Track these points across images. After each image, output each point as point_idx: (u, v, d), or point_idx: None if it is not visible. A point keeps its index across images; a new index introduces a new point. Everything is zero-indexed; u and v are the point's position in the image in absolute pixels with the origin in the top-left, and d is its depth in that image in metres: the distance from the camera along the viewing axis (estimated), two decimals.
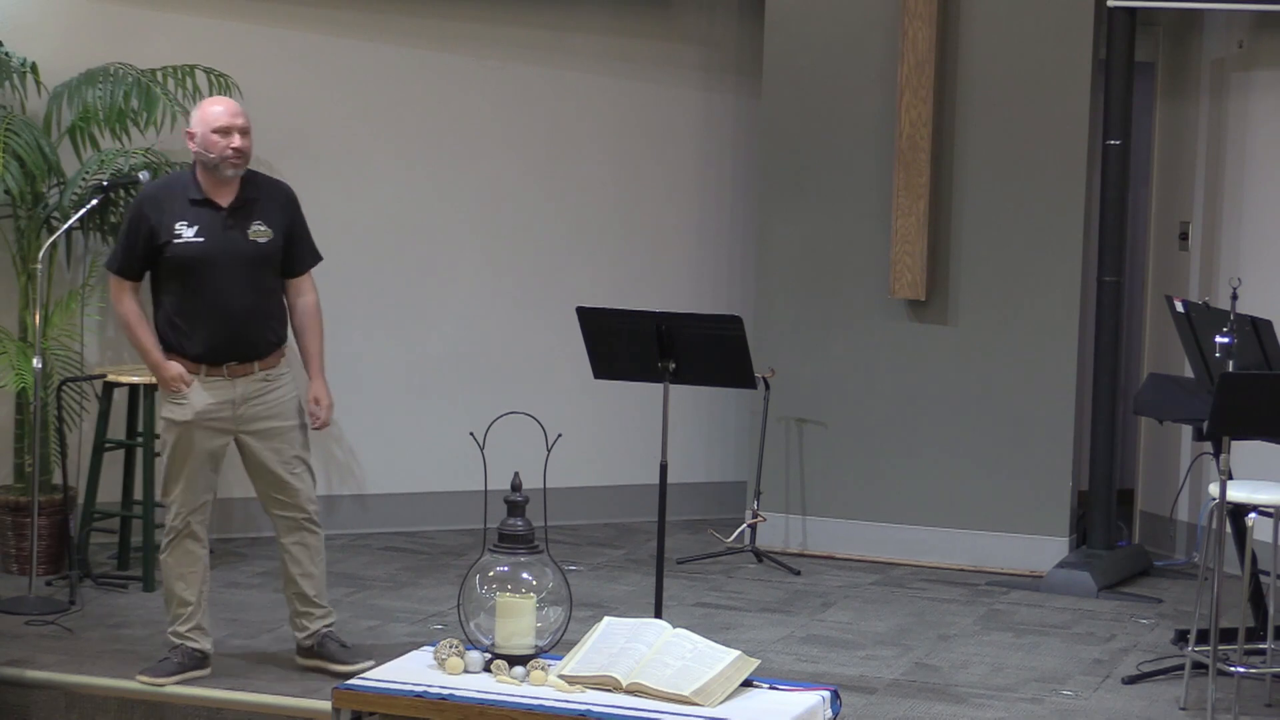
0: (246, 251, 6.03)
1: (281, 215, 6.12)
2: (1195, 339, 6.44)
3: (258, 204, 6.08)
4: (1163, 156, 8.66)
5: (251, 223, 6.06)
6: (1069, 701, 6.25)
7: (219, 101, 6.13)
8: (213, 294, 6.00)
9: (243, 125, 6.01)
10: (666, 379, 6.28)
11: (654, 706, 4.56)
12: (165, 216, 5.99)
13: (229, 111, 6.03)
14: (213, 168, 6.00)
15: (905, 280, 8.17)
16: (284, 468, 6.16)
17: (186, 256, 5.97)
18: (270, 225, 6.07)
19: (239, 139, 5.98)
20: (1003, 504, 8.17)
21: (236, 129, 5.99)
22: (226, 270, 5.99)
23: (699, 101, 9.12)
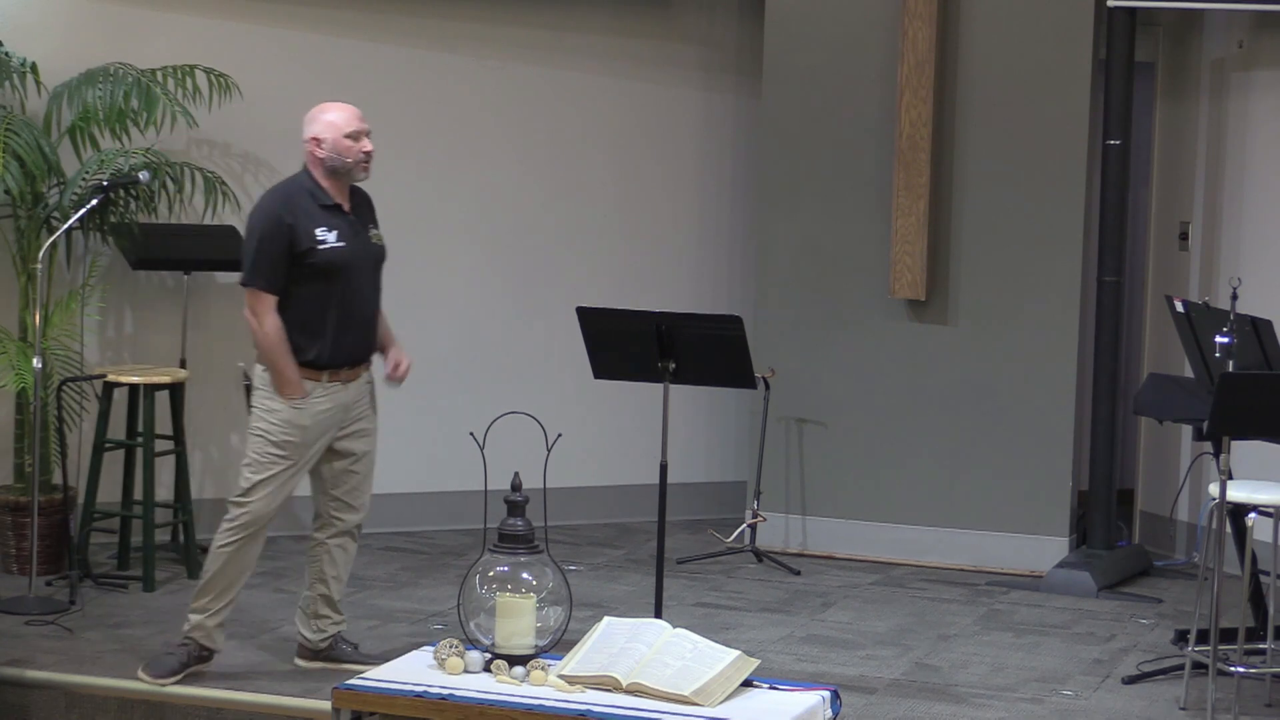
0: (374, 254, 6.14)
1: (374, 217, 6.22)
2: (1195, 339, 6.44)
3: (364, 208, 6.16)
4: (1163, 156, 8.66)
5: (368, 226, 6.14)
6: (1069, 701, 6.25)
7: (341, 108, 6.09)
8: (351, 298, 6.04)
9: (368, 129, 6.06)
10: (666, 379, 6.28)
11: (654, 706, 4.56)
12: (303, 223, 5.95)
13: (356, 115, 6.05)
14: (345, 173, 6.02)
15: (905, 280, 8.17)
16: (361, 468, 6.20)
17: (331, 262, 5.96)
18: (379, 230, 6.20)
19: (369, 142, 6.04)
20: (1003, 504, 8.17)
21: (365, 133, 6.03)
22: (361, 274, 6.07)
23: (699, 101, 9.12)
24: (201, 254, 7.98)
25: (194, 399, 7.98)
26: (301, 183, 6.05)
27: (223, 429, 8.34)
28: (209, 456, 8.31)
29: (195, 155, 8.11)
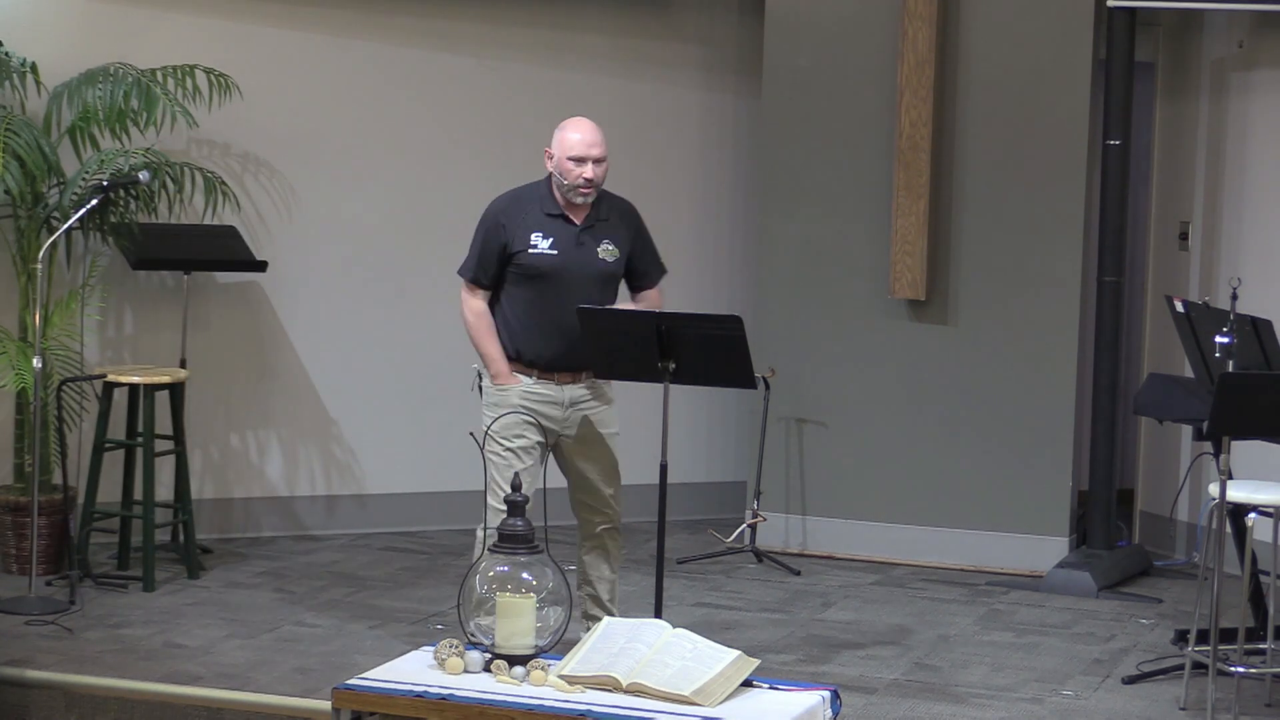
0: (597, 268, 6.17)
1: (628, 234, 6.25)
2: (1195, 339, 6.43)
3: (608, 223, 6.21)
4: (1163, 156, 8.66)
5: (602, 241, 6.19)
6: (1069, 701, 6.25)
7: (578, 127, 6.17)
8: (558, 306, 6.13)
9: (598, 155, 6.12)
10: (666, 379, 6.28)
11: (654, 706, 4.56)
12: (520, 227, 6.15)
13: (585, 141, 6.12)
14: (565, 192, 6.14)
15: (905, 280, 8.17)
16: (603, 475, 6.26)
17: (539, 267, 6.14)
18: (617, 245, 6.20)
19: (591, 169, 6.11)
20: (1003, 504, 8.17)
21: (591, 159, 6.11)
22: (575, 285, 6.14)
23: (699, 101, 9.12)
24: (201, 254, 7.98)
25: (194, 399, 7.98)
26: (537, 188, 6.26)
27: (223, 429, 8.34)
28: (209, 456, 8.32)
29: (195, 155, 8.11)
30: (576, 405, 6.24)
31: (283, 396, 8.45)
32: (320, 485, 8.53)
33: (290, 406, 8.47)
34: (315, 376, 8.50)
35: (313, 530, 8.48)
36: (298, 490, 8.51)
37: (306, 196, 8.43)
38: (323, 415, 8.53)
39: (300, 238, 8.40)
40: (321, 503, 8.54)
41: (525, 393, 6.20)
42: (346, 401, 8.56)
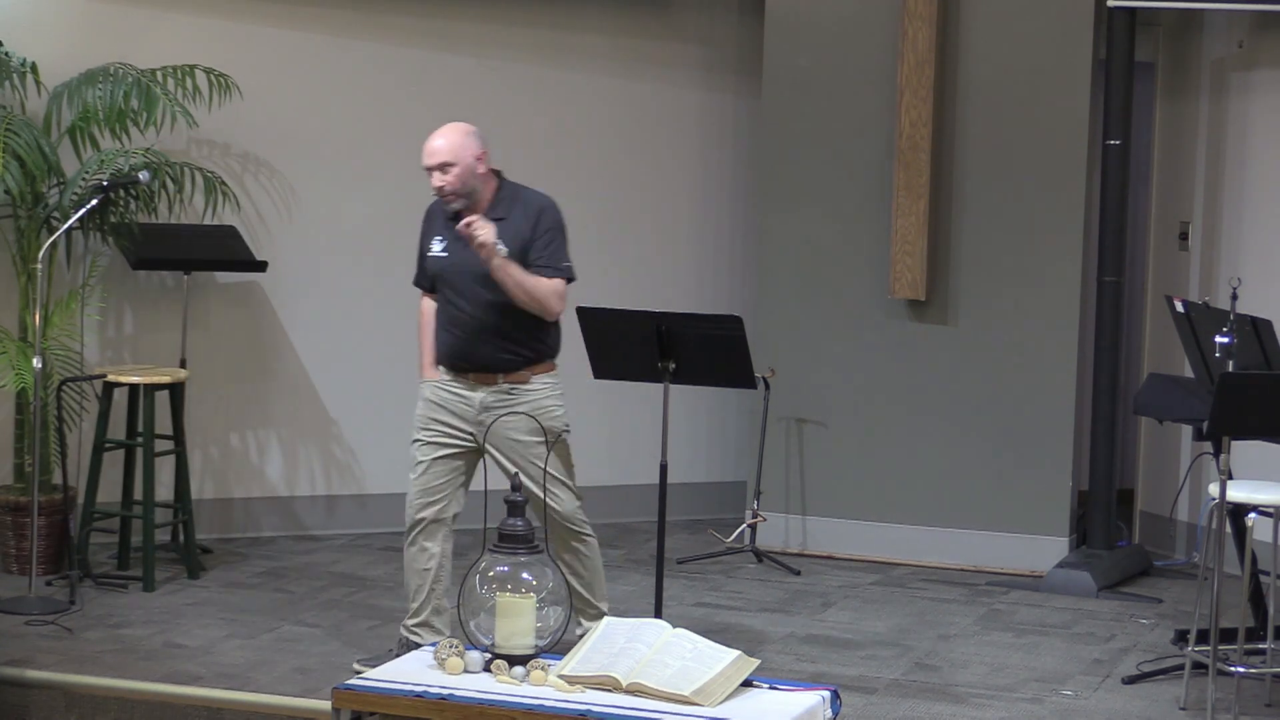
0: (482, 269, 6.10)
1: (526, 231, 6.16)
2: (1195, 339, 6.43)
3: (504, 223, 6.14)
4: (1163, 156, 8.66)
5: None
6: (1069, 701, 6.25)
7: (429, 138, 6.18)
8: (452, 306, 6.19)
9: (435, 164, 6.11)
10: (666, 379, 6.28)
11: (654, 706, 4.56)
12: (430, 232, 6.32)
13: (426, 152, 6.15)
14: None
15: (905, 280, 8.17)
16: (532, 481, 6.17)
17: (435, 269, 6.24)
18: (509, 244, 6.12)
19: (438, 178, 6.12)
20: (1003, 504, 8.17)
21: (434, 168, 6.12)
22: (464, 287, 6.16)
23: (699, 101, 9.12)
24: (201, 254, 7.98)
25: (194, 399, 7.98)
26: None
27: (223, 429, 8.34)
28: (209, 456, 8.32)
29: (195, 155, 8.11)
30: (490, 410, 6.16)
31: (283, 396, 8.46)
32: (320, 485, 8.53)
33: (290, 406, 8.47)
34: (315, 376, 8.51)
35: (313, 530, 8.48)
36: (298, 490, 8.51)
37: (306, 196, 8.43)
38: (323, 415, 8.53)
39: (300, 238, 8.41)
40: (321, 503, 8.54)
41: (435, 388, 6.25)
42: (346, 401, 8.56)
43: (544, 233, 6.17)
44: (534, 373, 6.21)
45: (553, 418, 6.23)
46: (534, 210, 6.18)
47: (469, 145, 6.11)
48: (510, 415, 6.14)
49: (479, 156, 6.12)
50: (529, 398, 6.20)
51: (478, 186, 6.14)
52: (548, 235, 6.18)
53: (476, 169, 6.12)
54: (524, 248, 6.12)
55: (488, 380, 6.17)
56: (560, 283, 6.18)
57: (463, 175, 6.10)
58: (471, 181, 6.11)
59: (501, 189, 6.20)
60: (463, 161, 6.09)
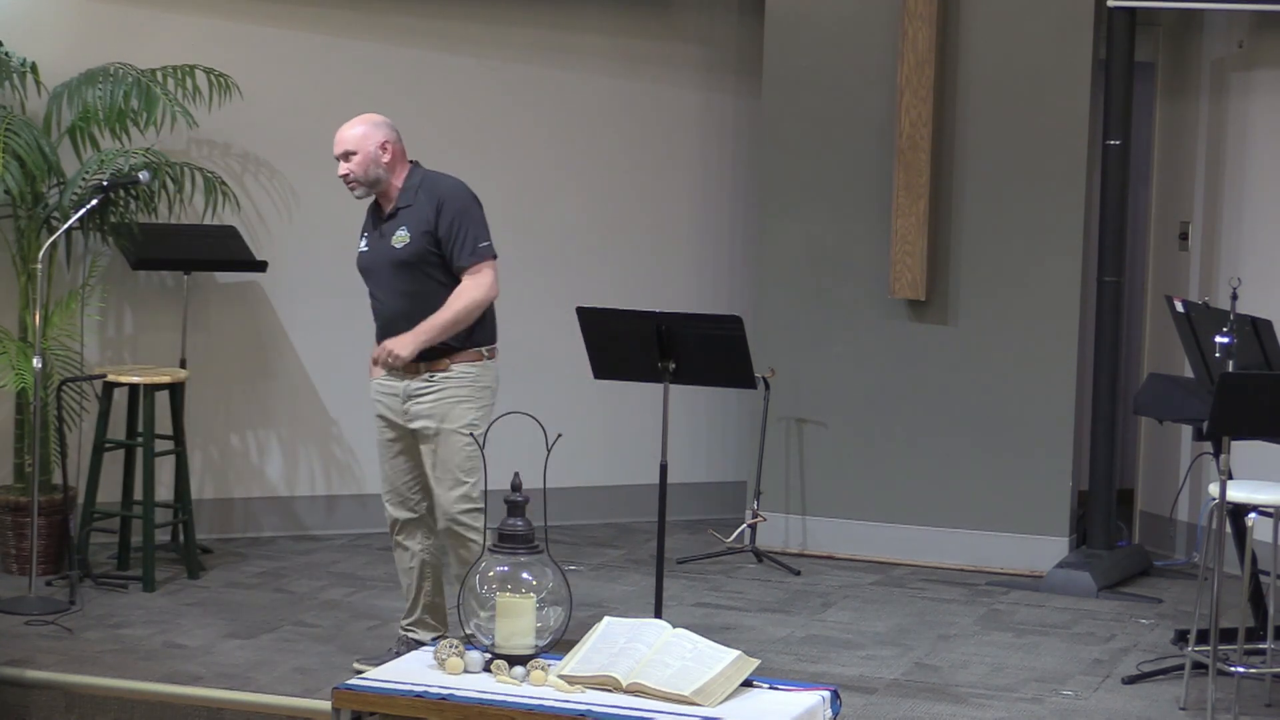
0: (390, 258, 6.16)
1: (431, 216, 6.15)
2: (1195, 339, 6.43)
3: (410, 210, 6.17)
4: (1163, 156, 8.66)
5: (397, 229, 6.17)
6: (1069, 701, 6.25)
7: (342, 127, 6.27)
8: (375, 299, 6.26)
9: (339, 152, 6.19)
10: (666, 379, 6.28)
11: (654, 706, 4.56)
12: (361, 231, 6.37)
13: (336, 141, 6.22)
14: None
15: (905, 280, 8.17)
16: (430, 472, 6.20)
17: (361, 267, 6.30)
18: (411, 230, 6.14)
19: (342, 166, 6.19)
20: (1003, 504, 8.17)
21: (339, 156, 6.19)
22: (379, 277, 6.22)
23: (699, 101, 9.13)
24: (201, 254, 7.98)
25: (194, 399, 7.98)
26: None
27: (223, 429, 8.34)
28: (209, 456, 8.32)
29: (195, 155, 8.11)
30: (414, 398, 6.17)
31: (283, 396, 8.46)
32: (320, 485, 8.53)
33: (290, 406, 8.48)
34: (315, 376, 8.51)
35: (313, 530, 8.48)
36: (298, 490, 8.51)
37: (306, 196, 8.43)
38: (323, 415, 8.53)
39: (300, 238, 8.41)
40: (321, 503, 8.54)
41: (374, 384, 6.29)
42: (346, 401, 8.56)
43: (450, 221, 6.12)
44: (455, 361, 6.17)
45: (463, 409, 6.17)
46: (435, 198, 6.16)
47: (373, 135, 6.17)
48: (424, 403, 6.16)
49: (383, 146, 6.16)
50: (446, 386, 6.17)
51: (382, 176, 6.18)
52: (455, 223, 6.13)
53: (380, 158, 6.16)
54: (429, 236, 6.12)
55: (412, 369, 6.17)
56: (483, 272, 6.13)
57: (364, 164, 6.16)
58: (374, 171, 6.16)
59: (410, 177, 6.22)
60: (364, 150, 6.15)
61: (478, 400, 6.18)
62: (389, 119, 6.27)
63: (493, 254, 6.18)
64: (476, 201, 6.23)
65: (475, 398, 6.18)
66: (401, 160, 6.22)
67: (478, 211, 6.20)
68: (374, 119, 6.23)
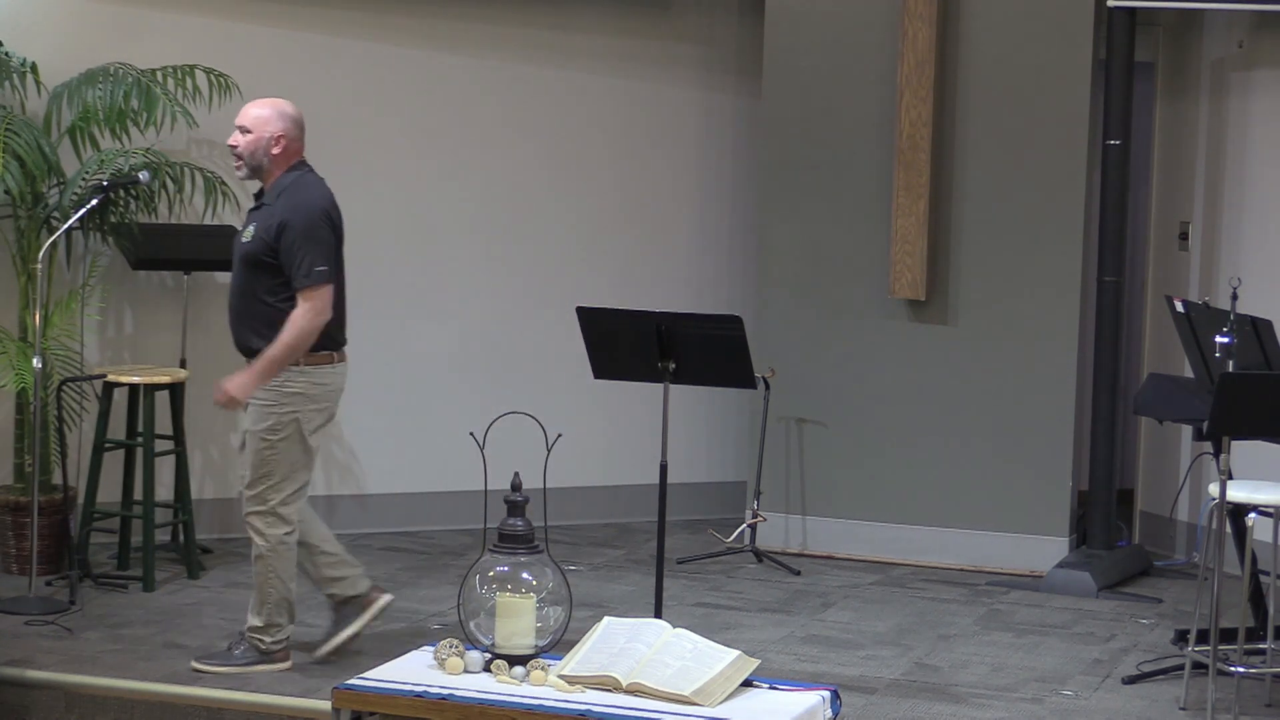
0: (238, 250, 6.20)
1: (274, 228, 6.13)
2: (1195, 339, 6.44)
3: (269, 208, 6.16)
4: (1163, 156, 8.66)
5: (252, 223, 6.18)
6: (1069, 701, 6.25)
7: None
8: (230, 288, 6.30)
9: (240, 124, 6.21)
10: (666, 379, 6.28)
11: (654, 706, 4.56)
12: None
13: (239, 113, 6.28)
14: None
15: (905, 280, 8.17)
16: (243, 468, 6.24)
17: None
18: (258, 230, 6.13)
19: (234, 136, 6.20)
20: (1003, 504, 8.17)
21: (237, 126, 6.21)
22: (234, 267, 6.27)
23: (699, 101, 9.12)
24: (201, 254, 7.97)
25: (194, 399, 7.97)
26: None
27: (223, 429, 8.34)
28: (209, 456, 8.31)
29: (195, 155, 8.11)
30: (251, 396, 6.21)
31: None
32: (320, 485, 8.52)
33: None
34: None
35: None
36: None
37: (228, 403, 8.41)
38: None
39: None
40: (321, 503, 8.53)
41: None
42: (346, 401, 8.51)
43: (289, 244, 6.09)
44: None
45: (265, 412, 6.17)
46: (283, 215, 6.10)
47: (272, 123, 6.19)
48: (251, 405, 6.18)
49: (276, 138, 6.17)
50: (267, 390, 6.17)
51: (265, 164, 6.19)
52: (292, 246, 6.09)
53: (269, 148, 6.17)
54: (269, 242, 6.11)
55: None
56: (309, 301, 6.08)
57: (251, 146, 6.19)
58: (260, 156, 6.18)
59: (283, 179, 6.20)
60: (258, 133, 6.18)
61: (283, 406, 6.17)
62: (299, 114, 6.29)
63: (326, 279, 6.12)
64: (326, 223, 6.19)
65: (280, 403, 6.18)
66: (289, 158, 6.20)
67: (323, 233, 6.15)
68: (282, 108, 6.26)
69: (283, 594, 6.24)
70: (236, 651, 6.26)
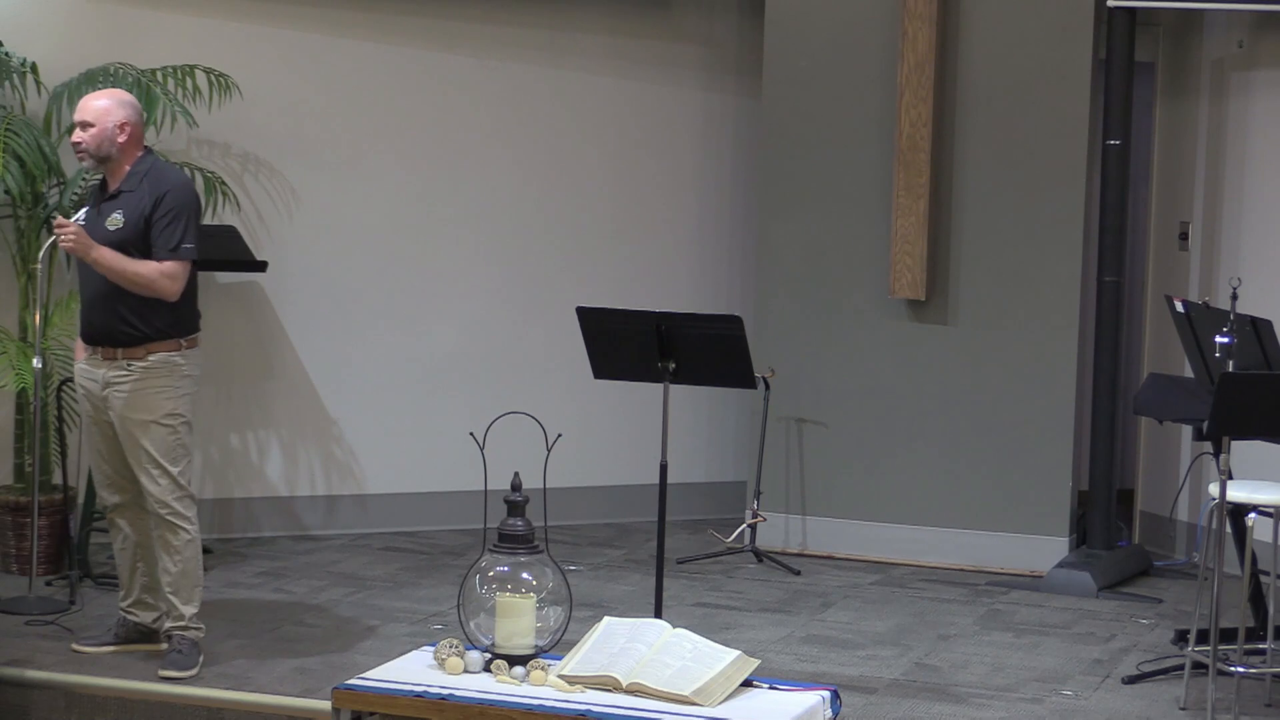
0: (102, 238, 6.10)
1: (147, 206, 6.13)
2: (1195, 339, 6.44)
3: (130, 195, 6.16)
4: (1163, 156, 8.66)
5: (114, 211, 6.14)
6: (1069, 701, 6.25)
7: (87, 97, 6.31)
8: (80, 276, 6.25)
9: (80, 120, 6.19)
10: (666, 379, 6.28)
11: (654, 706, 4.56)
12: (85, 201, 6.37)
13: (78, 108, 6.26)
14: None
15: (905, 280, 8.17)
16: (135, 462, 6.19)
17: None
18: (126, 215, 6.13)
19: (77, 133, 6.20)
20: (1003, 504, 8.17)
21: (77, 124, 6.21)
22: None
23: (699, 101, 9.12)
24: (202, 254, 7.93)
25: None
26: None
27: (223, 429, 8.34)
28: (209, 457, 8.31)
29: (195, 155, 8.11)
30: (111, 386, 6.14)
31: (283, 396, 8.46)
32: (320, 485, 8.53)
33: (290, 406, 8.48)
34: (315, 376, 8.51)
35: (313, 530, 8.48)
36: (298, 490, 8.51)
37: (306, 196, 8.43)
38: (323, 415, 8.53)
39: (300, 238, 8.41)
40: (321, 503, 8.54)
41: (78, 368, 6.29)
42: (346, 401, 8.56)
43: (163, 215, 6.11)
44: (152, 350, 6.14)
45: (163, 399, 6.15)
46: (160, 189, 6.15)
47: (115, 113, 6.18)
48: (121, 393, 6.13)
49: (121, 126, 6.16)
50: (145, 376, 6.15)
51: (114, 154, 6.17)
52: (167, 217, 6.11)
53: (116, 136, 6.16)
54: (143, 223, 6.10)
55: (110, 355, 6.15)
56: (171, 264, 6.08)
57: (98, 138, 6.16)
58: (107, 147, 6.16)
59: (140, 163, 6.21)
60: (101, 125, 6.16)
61: (177, 389, 6.18)
62: (137, 101, 6.33)
63: (192, 257, 6.15)
64: (196, 202, 6.26)
65: (175, 386, 6.17)
66: (136, 145, 6.22)
67: (194, 211, 6.19)
68: (121, 96, 6.27)
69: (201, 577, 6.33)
70: (183, 650, 6.23)
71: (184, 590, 6.25)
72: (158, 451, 6.16)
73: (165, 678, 6.09)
